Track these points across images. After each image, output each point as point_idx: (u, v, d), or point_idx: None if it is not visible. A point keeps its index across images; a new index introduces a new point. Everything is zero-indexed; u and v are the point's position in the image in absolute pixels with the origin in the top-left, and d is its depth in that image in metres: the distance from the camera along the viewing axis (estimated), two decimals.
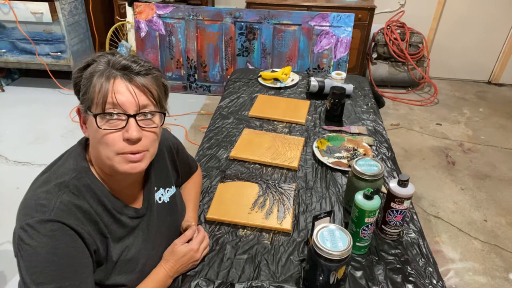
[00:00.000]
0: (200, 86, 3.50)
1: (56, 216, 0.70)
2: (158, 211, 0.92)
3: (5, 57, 3.27)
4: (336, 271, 0.84)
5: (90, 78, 0.72)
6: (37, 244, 0.68)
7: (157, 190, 0.94)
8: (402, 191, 0.97)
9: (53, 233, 0.69)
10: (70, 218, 0.71)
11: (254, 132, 1.53)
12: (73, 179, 0.75)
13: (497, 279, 1.83)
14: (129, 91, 0.72)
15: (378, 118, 1.70)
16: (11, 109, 3.12)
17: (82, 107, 0.75)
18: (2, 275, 1.76)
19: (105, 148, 0.73)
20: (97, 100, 0.71)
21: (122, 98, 0.72)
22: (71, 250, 0.70)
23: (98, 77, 0.72)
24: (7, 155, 2.55)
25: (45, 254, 0.68)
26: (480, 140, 2.98)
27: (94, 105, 0.72)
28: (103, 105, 0.71)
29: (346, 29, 3.14)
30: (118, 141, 0.73)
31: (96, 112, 0.72)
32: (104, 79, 0.71)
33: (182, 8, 3.21)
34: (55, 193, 0.72)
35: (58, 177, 0.75)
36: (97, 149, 0.75)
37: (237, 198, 1.16)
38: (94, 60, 0.75)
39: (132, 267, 0.82)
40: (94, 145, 0.76)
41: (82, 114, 0.76)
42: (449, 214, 2.21)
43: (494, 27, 3.71)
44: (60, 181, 0.74)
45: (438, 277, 0.94)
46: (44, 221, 0.69)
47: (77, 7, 3.31)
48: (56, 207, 0.70)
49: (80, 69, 0.75)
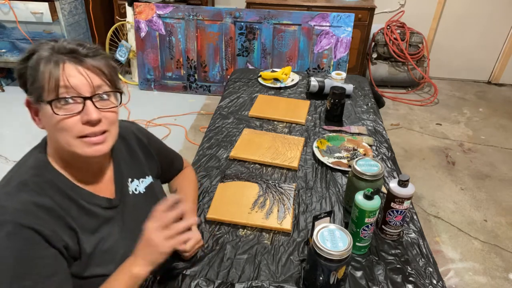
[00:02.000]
0: (200, 86, 3.50)
1: (13, 217, 0.68)
2: (134, 202, 0.90)
3: (5, 57, 3.27)
4: (336, 271, 0.84)
5: (36, 67, 0.70)
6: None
7: (132, 181, 0.92)
8: (402, 191, 0.97)
9: (9, 236, 0.66)
10: (29, 218, 0.69)
11: (254, 132, 1.53)
12: (33, 176, 0.73)
13: (497, 279, 1.83)
14: (81, 74, 0.70)
15: (378, 118, 1.70)
16: (11, 109, 3.12)
17: (31, 97, 0.73)
18: None
19: (64, 134, 0.72)
20: (48, 87, 0.69)
21: (75, 80, 0.70)
22: (29, 252, 0.68)
23: (45, 63, 0.69)
24: (7, 155, 2.55)
25: (2, 257, 0.66)
26: (480, 140, 2.98)
27: (46, 92, 0.70)
28: (56, 91, 0.69)
29: (346, 29, 3.14)
30: (77, 125, 0.71)
31: (49, 99, 0.70)
32: (53, 64, 0.69)
33: (182, 8, 3.21)
34: (14, 193, 0.71)
35: (18, 177, 0.74)
36: (55, 138, 0.74)
37: (237, 198, 1.16)
38: (36, 49, 0.72)
39: (110, 258, 0.80)
40: (52, 134, 0.74)
41: (32, 106, 0.74)
42: (449, 214, 2.21)
43: (494, 27, 3.71)
44: (20, 181, 0.73)
45: (438, 277, 0.94)
46: (1, 223, 0.67)
47: (77, 7, 3.31)
48: (14, 207, 0.69)
49: (23, 60, 0.72)
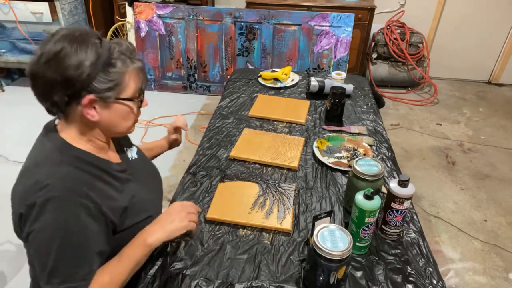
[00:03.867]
0: (200, 86, 3.50)
1: (58, 193, 0.76)
2: (136, 165, 1.05)
3: (5, 57, 3.27)
4: (337, 271, 0.84)
5: (120, 71, 0.83)
6: (42, 224, 0.76)
7: (127, 150, 1.07)
8: (402, 191, 0.97)
9: (56, 211, 0.76)
10: (72, 193, 0.78)
11: (254, 132, 1.53)
12: (62, 155, 0.83)
13: (497, 279, 1.83)
14: (143, 74, 0.91)
15: (378, 118, 1.70)
16: (11, 109, 3.12)
17: (105, 96, 0.83)
18: (2, 275, 1.76)
19: (130, 120, 0.91)
20: (133, 88, 0.87)
21: (142, 83, 0.91)
22: (73, 225, 0.77)
23: (130, 68, 0.86)
24: (7, 155, 2.55)
25: (51, 233, 0.76)
26: (480, 140, 2.98)
27: (127, 92, 0.86)
28: (138, 93, 0.89)
29: (346, 29, 3.14)
30: (138, 112, 0.93)
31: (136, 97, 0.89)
32: (135, 71, 0.87)
33: (182, 8, 3.21)
34: (52, 172, 0.79)
35: (47, 159, 0.82)
36: (117, 126, 0.90)
37: (237, 198, 1.16)
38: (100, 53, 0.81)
39: (144, 207, 0.96)
40: (115, 123, 0.89)
41: (98, 102, 0.83)
42: (449, 214, 2.21)
43: (494, 27, 3.71)
44: (52, 161, 0.82)
45: (438, 277, 0.94)
46: (46, 200, 0.75)
47: (77, 7, 3.31)
48: (56, 185, 0.77)
49: (93, 63, 0.79)
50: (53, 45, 0.78)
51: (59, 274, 0.77)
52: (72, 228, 0.77)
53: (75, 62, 0.77)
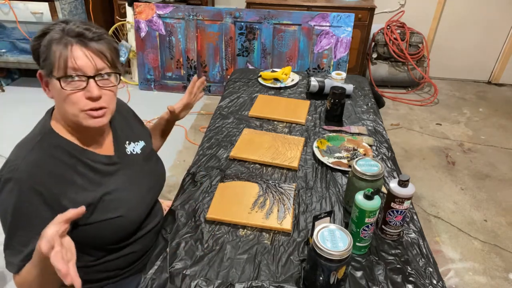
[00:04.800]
0: None
1: (19, 176, 0.81)
2: (133, 160, 1.04)
3: (5, 57, 3.27)
4: (337, 271, 0.84)
5: (49, 46, 0.81)
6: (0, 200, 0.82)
7: (129, 143, 1.06)
8: (402, 191, 0.97)
9: (11, 192, 0.80)
10: (31, 179, 0.81)
11: (254, 132, 1.53)
12: (40, 141, 0.86)
13: (497, 279, 1.83)
14: (86, 56, 0.82)
15: (378, 118, 1.70)
16: (11, 109, 3.12)
17: (44, 71, 0.85)
18: (2, 275, 1.76)
19: (70, 106, 0.84)
20: (58, 65, 0.81)
21: (81, 62, 0.81)
22: (26, 208, 0.81)
23: (56, 44, 0.81)
24: (7, 155, 2.55)
25: (3, 210, 0.82)
26: (480, 140, 2.98)
27: (56, 69, 0.81)
28: (65, 70, 0.81)
29: (346, 29, 3.14)
30: (81, 100, 0.84)
31: (58, 76, 0.82)
32: (62, 46, 0.81)
33: (182, 8, 3.21)
34: (24, 155, 0.84)
35: (26, 143, 0.88)
36: (63, 108, 0.86)
37: (237, 198, 1.16)
38: (49, 29, 0.84)
39: (116, 205, 0.94)
40: (60, 105, 0.87)
41: (44, 78, 0.86)
42: (449, 214, 2.21)
43: (494, 27, 3.71)
44: (31, 143, 0.86)
45: (438, 277, 0.94)
46: (7, 180, 0.81)
47: (77, 7, 3.31)
48: (21, 168, 0.81)
49: (37, 38, 0.84)
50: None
51: (10, 247, 0.84)
52: (22, 210, 0.81)
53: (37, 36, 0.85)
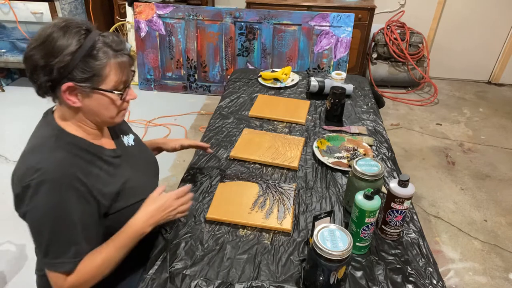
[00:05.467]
0: (200, 86, 3.50)
1: (51, 176, 0.82)
2: (132, 151, 1.10)
3: (5, 57, 3.27)
4: (337, 271, 0.84)
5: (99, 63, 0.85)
6: (35, 205, 0.82)
7: (123, 136, 1.11)
8: (402, 191, 0.97)
9: (48, 193, 0.82)
10: (64, 177, 0.84)
11: (254, 132, 1.53)
12: (56, 141, 0.88)
13: (497, 279, 1.83)
14: (129, 67, 0.92)
15: (378, 118, 1.70)
16: (11, 109, 3.12)
17: (83, 85, 0.86)
18: (2, 275, 1.76)
19: (112, 110, 0.93)
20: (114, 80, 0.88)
21: (128, 74, 0.92)
22: (65, 207, 0.83)
23: (111, 61, 0.87)
24: (7, 155, 2.55)
25: (43, 213, 0.82)
26: (480, 140, 2.98)
27: (107, 83, 0.88)
28: (121, 84, 0.91)
29: (346, 29, 3.14)
30: (122, 103, 0.94)
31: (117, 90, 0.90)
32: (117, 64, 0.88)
33: (182, 8, 3.21)
34: (47, 156, 0.85)
35: (43, 144, 0.88)
36: (100, 114, 0.92)
37: (237, 198, 1.16)
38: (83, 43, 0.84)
39: (136, 192, 1.00)
40: (97, 112, 0.92)
41: (78, 90, 0.87)
42: (449, 214, 2.21)
43: (494, 27, 3.70)
44: (47, 145, 0.87)
45: (438, 277, 0.94)
46: (40, 183, 0.81)
47: (77, 7, 3.31)
48: (49, 168, 0.83)
49: (71, 52, 0.83)
50: (43, 31, 0.84)
51: (53, 250, 0.84)
52: (63, 209, 0.83)
53: (57, 50, 0.82)
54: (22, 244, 1.90)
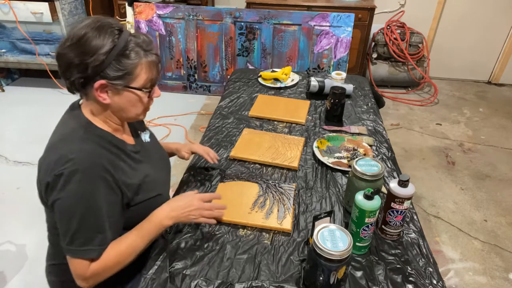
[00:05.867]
0: (200, 86, 3.50)
1: (82, 167, 0.85)
2: (149, 147, 1.14)
3: (5, 57, 3.27)
4: (337, 271, 0.84)
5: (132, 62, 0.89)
6: (67, 193, 0.85)
7: (141, 133, 1.14)
8: (402, 191, 0.97)
9: (80, 183, 0.85)
10: (94, 167, 0.87)
11: (254, 132, 1.53)
12: (86, 133, 0.92)
13: (497, 279, 1.83)
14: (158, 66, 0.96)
15: (378, 118, 1.70)
16: (11, 109, 3.12)
17: (115, 82, 0.90)
18: (2, 275, 1.77)
19: (138, 108, 0.97)
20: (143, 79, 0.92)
21: (156, 74, 0.96)
22: (95, 196, 0.87)
23: (143, 60, 0.91)
24: (7, 155, 2.55)
25: (74, 201, 0.86)
26: (480, 140, 2.98)
27: (137, 82, 0.92)
28: (149, 82, 0.94)
29: (346, 29, 3.14)
30: (149, 101, 0.99)
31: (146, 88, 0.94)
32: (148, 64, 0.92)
33: (182, 8, 3.21)
34: (77, 148, 0.88)
35: (73, 136, 0.91)
36: (127, 111, 0.96)
37: (237, 198, 1.16)
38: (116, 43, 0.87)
39: (154, 186, 1.04)
40: (124, 108, 0.95)
41: (110, 88, 0.91)
42: (449, 214, 2.21)
43: (494, 27, 3.71)
44: (77, 137, 0.91)
45: (438, 277, 0.94)
46: (73, 172, 0.85)
47: (77, 7, 3.31)
48: (80, 159, 0.86)
49: (107, 52, 0.86)
50: (78, 30, 0.87)
51: (80, 237, 0.87)
52: (94, 198, 0.87)
53: (92, 49, 0.85)
54: (22, 244, 1.90)
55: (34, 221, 2.02)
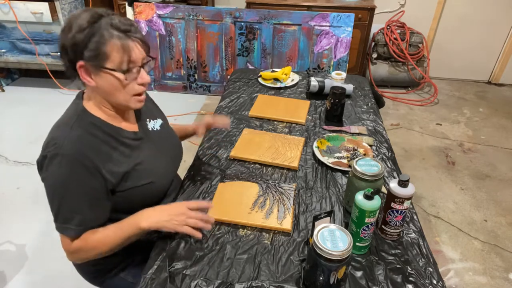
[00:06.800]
0: (200, 86, 3.50)
1: (64, 151, 0.91)
2: (155, 135, 1.15)
3: (5, 57, 3.27)
4: (337, 271, 0.84)
5: (101, 40, 0.89)
6: (48, 174, 0.92)
7: (149, 121, 1.16)
8: (402, 191, 0.97)
9: (60, 165, 0.90)
10: (77, 153, 0.92)
11: (254, 132, 1.53)
12: (77, 120, 0.96)
13: (497, 279, 1.83)
14: (137, 49, 0.94)
15: (378, 118, 1.70)
16: (11, 109, 3.12)
17: (90, 63, 0.91)
18: (2, 275, 1.77)
19: (124, 93, 0.96)
20: (114, 59, 0.91)
21: (135, 56, 0.93)
22: (74, 179, 0.92)
23: (109, 39, 0.90)
24: (7, 155, 2.55)
25: (53, 182, 0.93)
26: (480, 140, 2.98)
27: (111, 62, 0.91)
28: (126, 63, 0.92)
29: (346, 29, 3.14)
30: (134, 86, 0.97)
31: (120, 69, 0.92)
32: (116, 41, 0.90)
33: (182, 8, 3.21)
34: (66, 134, 0.93)
35: (66, 121, 0.96)
36: (113, 95, 0.97)
37: (237, 198, 1.16)
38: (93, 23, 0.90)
39: (147, 174, 1.06)
40: (110, 92, 0.96)
41: (88, 69, 0.93)
42: (449, 214, 2.21)
43: (494, 27, 3.71)
44: (69, 124, 0.95)
45: (438, 277, 0.94)
46: (54, 155, 0.91)
47: (77, 7, 3.31)
48: (65, 144, 0.91)
49: (81, 31, 0.89)
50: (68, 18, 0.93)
51: (61, 216, 0.94)
52: (70, 181, 0.92)
53: (71, 30, 0.90)
54: (22, 244, 1.90)
55: (34, 221, 2.02)
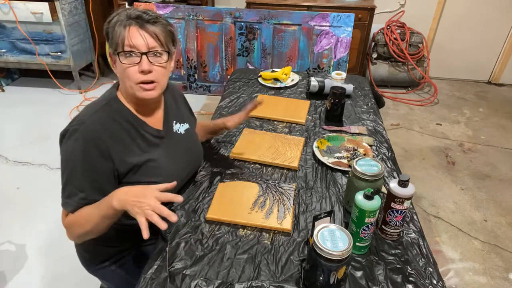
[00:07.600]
0: (200, 86, 3.50)
1: (83, 130, 0.96)
2: (177, 138, 1.18)
3: (5, 57, 3.27)
4: (337, 271, 0.84)
5: (114, 27, 0.97)
6: (66, 146, 0.98)
7: (176, 123, 1.19)
8: (402, 191, 0.97)
9: (76, 141, 0.96)
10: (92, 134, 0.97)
11: (254, 132, 1.53)
12: (105, 105, 1.02)
13: (497, 279, 1.83)
14: (141, 35, 0.96)
15: (378, 118, 1.70)
16: (11, 109, 3.12)
17: (111, 50, 0.99)
18: (2, 275, 1.77)
19: (128, 79, 0.99)
20: (119, 43, 0.96)
21: (136, 41, 0.95)
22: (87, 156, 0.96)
23: (119, 26, 0.96)
24: (7, 155, 2.55)
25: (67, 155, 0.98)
26: (480, 140, 2.98)
27: (118, 46, 0.96)
28: (123, 47, 0.96)
29: (346, 29, 3.14)
30: (135, 73, 0.98)
31: (118, 51, 0.97)
32: (123, 27, 0.96)
33: (182, 8, 3.21)
34: (91, 114, 0.99)
35: (98, 104, 1.04)
36: (123, 81, 1.01)
37: (237, 198, 1.16)
38: (117, 13, 0.99)
39: (156, 172, 1.08)
40: (121, 78, 1.01)
41: (112, 56, 1.00)
42: (449, 214, 2.21)
43: (494, 27, 3.71)
44: (97, 105, 1.02)
45: (438, 277, 0.94)
46: (75, 130, 0.97)
47: (77, 7, 3.31)
48: (86, 124, 0.97)
49: (108, 21, 0.98)
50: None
51: (67, 190, 0.98)
52: (82, 158, 0.96)
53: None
54: (22, 244, 1.90)
55: (34, 221, 2.02)
